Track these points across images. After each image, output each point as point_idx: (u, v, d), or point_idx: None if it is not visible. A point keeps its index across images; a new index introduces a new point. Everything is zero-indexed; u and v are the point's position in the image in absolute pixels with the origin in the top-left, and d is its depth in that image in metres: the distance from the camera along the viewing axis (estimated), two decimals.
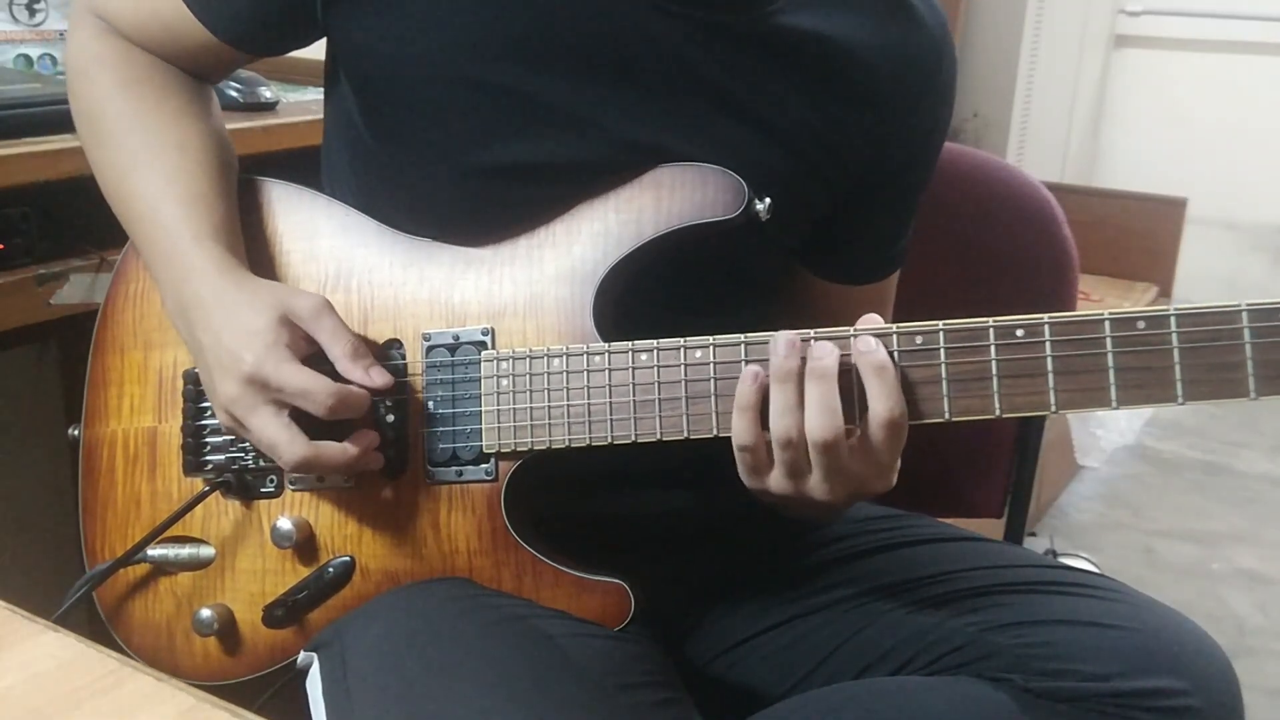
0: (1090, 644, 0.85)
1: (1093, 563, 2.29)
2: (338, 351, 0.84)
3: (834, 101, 0.90)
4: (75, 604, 0.90)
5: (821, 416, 0.76)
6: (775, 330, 0.79)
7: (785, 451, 0.78)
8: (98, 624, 0.97)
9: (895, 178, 0.96)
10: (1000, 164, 1.23)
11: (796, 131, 0.89)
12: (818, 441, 0.76)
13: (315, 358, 0.85)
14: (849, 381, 0.77)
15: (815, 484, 0.79)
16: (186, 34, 0.93)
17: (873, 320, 0.79)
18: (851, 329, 0.78)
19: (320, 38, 0.94)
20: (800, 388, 0.77)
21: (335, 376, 0.84)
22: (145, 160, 0.92)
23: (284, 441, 0.82)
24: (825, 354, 0.77)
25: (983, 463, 1.22)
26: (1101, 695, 0.83)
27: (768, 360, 0.78)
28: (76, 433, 0.98)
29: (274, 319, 0.83)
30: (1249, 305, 0.71)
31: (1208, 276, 3.54)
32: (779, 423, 0.77)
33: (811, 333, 0.79)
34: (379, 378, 0.85)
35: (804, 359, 0.77)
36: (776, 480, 0.80)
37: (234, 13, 0.92)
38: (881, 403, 0.76)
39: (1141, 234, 3.10)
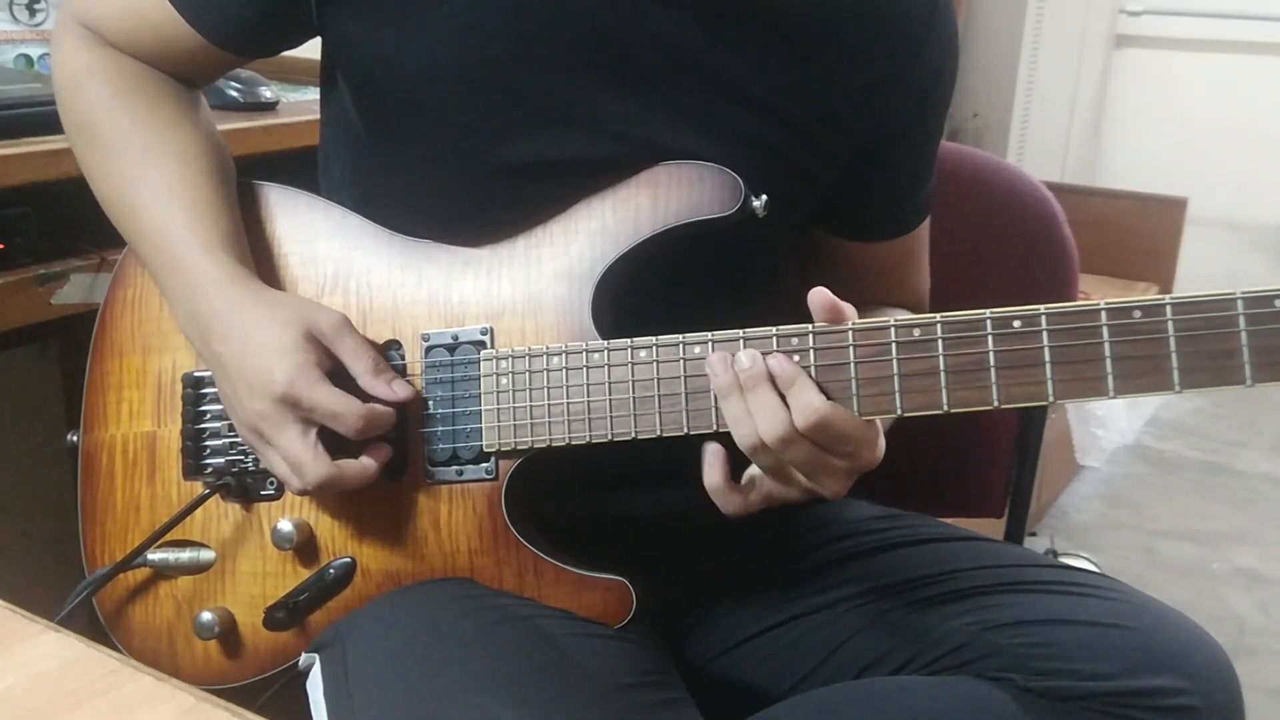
0: (1090, 644, 0.85)
1: (1093, 563, 2.29)
2: (360, 368, 0.85)
3: (828, 69, 0.90)
4: (75, 608, 0.90)
5: (766, 417, 0.77)
6: (775, 322, 0.80)
7: (757, 456, 0.79)
8: (98, 628, 0.97)
9: (904, 132, 0.96)
10: (1000, 164, 1.23)
11: (793, 105, 0.89)
12: (774, 441, 0.77)
13: (335, 373, 0.85)
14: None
15: (804, 479, 0.80)
16: (175, 38, 0.93)
17: (825, 299, 0.78)
18: (850, 323, 0.79)
19: (313, 38, 0.94)
20: (743, 397, 0.78)
21: (353, 389, 0.84)
22: (146, 171, 0.91)
23: (309, 460, 0.82)
24: (750, 363, 0.78)
25: (983, 463, 1.22)
26: (1101, 695, 0.83)
27: None
28: (75, 438, 0.98)
29: (300, 335, 0.84)
30: (1244, 293, 0.72)
31: (1208, 276, 3.54)
32: (738, 433, 0.78)
33: (809, 327, 0.79)
34: (401, 391, 0.85)
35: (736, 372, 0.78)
36: (773, 485, 0.81)
37: (224, 14, 0.92)
38: (792, 407, 0.77)
39: (1141, 234, 3.10)
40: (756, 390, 0.78)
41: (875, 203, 1.00)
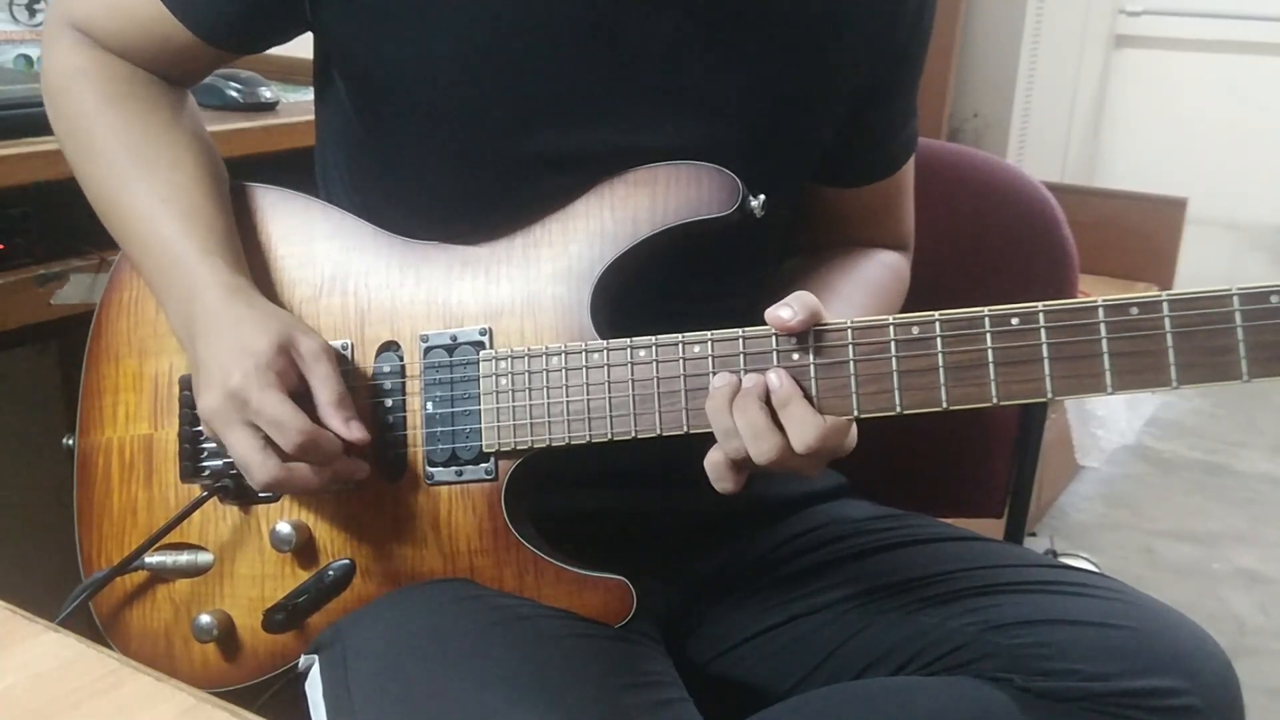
0: (1090, 644, 0.85)
1: (1093, 563, 2.28)
2: (323, 398, 0.84)
3: (821, 34, 0.91)
4: (73, 613, 0.90)
5: (756, 444, 0.78)
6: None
7: (746, 464, 0.80)
8: (95, 632, 0.96)
9: (893, 71, 0.98)
10: (1000, 164, 1.24)
11: (792, 76, 0.90)
12: (762, 464, 0.78)
13: (304, 397, 0.84)
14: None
15: (786, 471, 0.81)
16: (164, 35, 0.92)
17: (783, 327, 0.79)
18: (849, 322, 0.79)
19: (304, 34, 0.94)
20: (730, 415, 0.79)
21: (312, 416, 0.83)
22: (139, 177, 0.91)
23: (256, 463, 0.82)
24: (722, 382, 0.79)
25: (983, 463, 1.22)
26: (1101, 695, 0.83)
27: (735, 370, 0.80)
28: (71, 442, 0.98)
29: (273, 344, 0.83)
30: (1240, 289, 0.72)
31: (1208, 276, 3.52)
32: (727, 446, 0.79)
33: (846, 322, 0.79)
34: (356, 433, 0.84)
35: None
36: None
37: (214, 10, 0.92)
38: (791, 433, 0.78)
39: (1141, 234, 3.10)
40: (746, 409, 0.78)
41: (865, 148, 1.01)
